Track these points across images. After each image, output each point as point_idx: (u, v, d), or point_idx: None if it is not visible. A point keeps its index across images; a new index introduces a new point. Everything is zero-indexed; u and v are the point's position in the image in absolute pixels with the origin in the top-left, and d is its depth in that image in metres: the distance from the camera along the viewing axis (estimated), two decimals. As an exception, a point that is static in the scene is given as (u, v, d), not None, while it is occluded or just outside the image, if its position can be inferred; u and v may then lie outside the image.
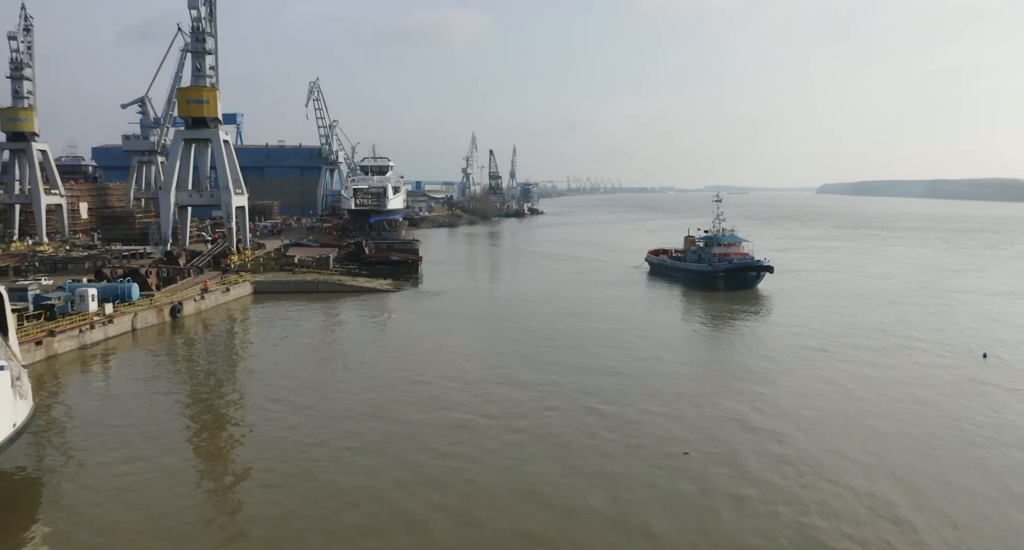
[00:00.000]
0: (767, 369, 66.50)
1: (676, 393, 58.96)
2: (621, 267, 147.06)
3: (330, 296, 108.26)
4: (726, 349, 76.56)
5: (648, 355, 72.34)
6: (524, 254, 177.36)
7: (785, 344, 76.66)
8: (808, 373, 65.33)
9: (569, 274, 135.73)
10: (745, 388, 60.55)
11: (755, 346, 76.68)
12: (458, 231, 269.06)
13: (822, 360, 70.00)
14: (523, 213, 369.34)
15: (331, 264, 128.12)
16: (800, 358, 70.94)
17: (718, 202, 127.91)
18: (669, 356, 72.19)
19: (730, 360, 71.25)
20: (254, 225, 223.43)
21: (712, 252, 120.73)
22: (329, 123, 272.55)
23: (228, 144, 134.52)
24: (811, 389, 60.34)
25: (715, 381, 63.25)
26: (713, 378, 64.33)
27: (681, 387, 60.81)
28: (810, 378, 63.69)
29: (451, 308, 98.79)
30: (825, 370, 66.28)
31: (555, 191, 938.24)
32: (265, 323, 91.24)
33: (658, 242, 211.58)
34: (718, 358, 72.67)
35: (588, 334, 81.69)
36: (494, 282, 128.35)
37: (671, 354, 73.19)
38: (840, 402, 56.87)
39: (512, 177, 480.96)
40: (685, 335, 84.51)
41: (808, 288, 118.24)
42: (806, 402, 56.58)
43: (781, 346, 76.01)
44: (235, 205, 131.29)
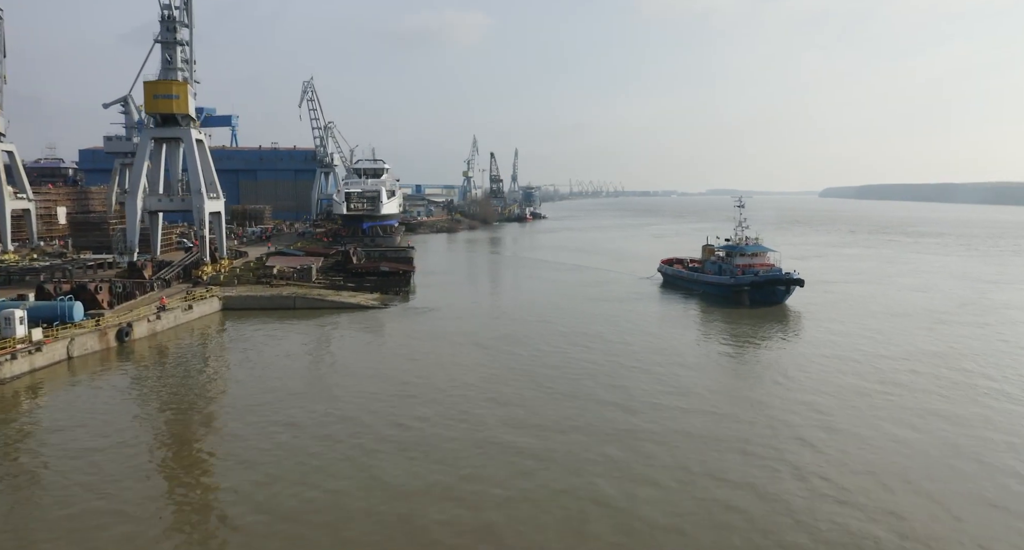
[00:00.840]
0: (818, 420, 53.50)
1: (718, 457, 46.17)
2: (631, 278, 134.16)
3: (308, 313, 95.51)
4: (764, 388, 63.42)
5: (676, 402, 59.45)
6: (526, 263, 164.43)
7: (834, 381, 63.57)
8: (872, 429, 52.31)
9: (575, 286, 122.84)
10: (795, 451, 47.64)
11: (798, 382, 63.66)
12: (457, 237, 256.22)
13: (885, 405, 57.01)
14: (525, 217, 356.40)
15: (314, 276, 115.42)
16: (856, 401, 57.89)
17: (740, 207, 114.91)
18: (701, 393, 59.28)
19: (771, 404, 58.23)
20: (242, 231, 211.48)
21: (735, 263, 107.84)
22: (324, 124, 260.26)
23: (203, 144, 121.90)
24: (884, 461, 47.36)
25: (759, 435, 50.31)
26: (756, 431, 51.37)
27: (723, 445, 47.97)
28: (878, 435, 50.67)
29: (444, 328, 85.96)
30: (893, 422, 53.31)
31: (557, 195, 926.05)
32: (228, 348, 78.53)
33: (667, 249, 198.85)
34: (756, 399, 59.65)
35: (604, 365, 68.81)
36: (494, 296, 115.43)
37: (703, 392, 60.23)
38: (927, 477, 44.00)
39: (514, 180, 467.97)
40: (714, 367, 71.39)
41: (841, 303, 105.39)
42: (882, 482, 43.59)
43: (829, 383, 63.01)
44: (209, 210, 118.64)
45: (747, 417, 53.31)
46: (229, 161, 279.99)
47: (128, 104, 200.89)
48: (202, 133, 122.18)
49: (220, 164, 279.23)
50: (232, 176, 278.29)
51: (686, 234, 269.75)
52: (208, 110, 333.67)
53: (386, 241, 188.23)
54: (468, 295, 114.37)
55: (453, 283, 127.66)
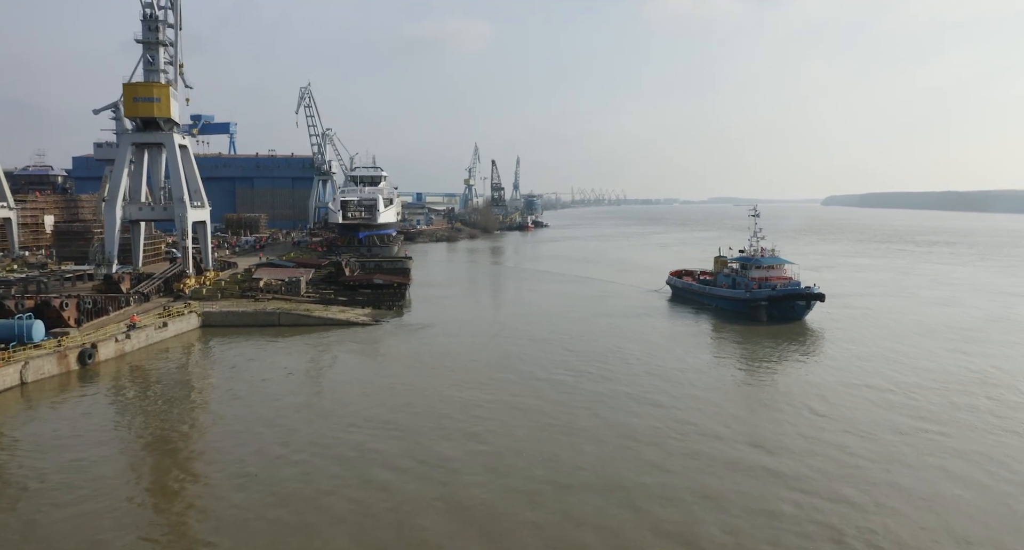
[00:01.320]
0: (853, 469, 46.29)
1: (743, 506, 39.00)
2: (638, 291, 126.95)
3: (294, 331, 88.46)
4: (788, 426, 56.12)
5: (686, 448, 52.26)
6: (528, 274, 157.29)
7: (865, 417, 56.04)
8: (917, 479, 45.12)
9: (580, 300, 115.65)
10: (830, 511, 40.45)
11: (826, 418, 56.32)
12: (458, 246, 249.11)
13: (928, 447, 49.79)
14: (527, 226, 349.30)
15: (303, 289, 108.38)
16: (894, 443, 50.60)
17: (755, 216, 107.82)
18: (717, 435, 52.04)
19: (796, 448, 50.97)
20: (235, 240, 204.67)
21: (750, 276, 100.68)
22: (322, 131, 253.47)
23: (187, 150, 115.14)
24: (941, 524, 40.18)
25: (785, 491, 43.10)
26: (781, 486, 44.14)
27: (743, 504, 40.79)
28: (925, 488, 43.48)
29: (437, 349, 78.79)
30: (941, 471, 46.13)
31: (559, 203, 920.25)
32: (202, 372, 71.42)
33: (673, 259, 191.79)
34: (779, 442, 52.39)
35: (610, 398, 61.63)
36: (493, 311, 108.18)
37: (719, 432, 52.99)
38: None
39: (516, 189, 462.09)
40: (730, 398, 63.97)
41: (862, 320, 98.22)
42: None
43: (859, 420, 55.55)
44: (192, 220, 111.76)
45: (771, 466, 45.95)
46: (225, 169, 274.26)
47: (119, 110, 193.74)
48: (186, 138, 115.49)
49: (216, 172, 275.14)
50: (228, 184, 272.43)
51: (691, 243, 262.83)
52: (206, 117, 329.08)
53: (383, 251, 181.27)
54: (466, 310, 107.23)
55: (451, 296, 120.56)
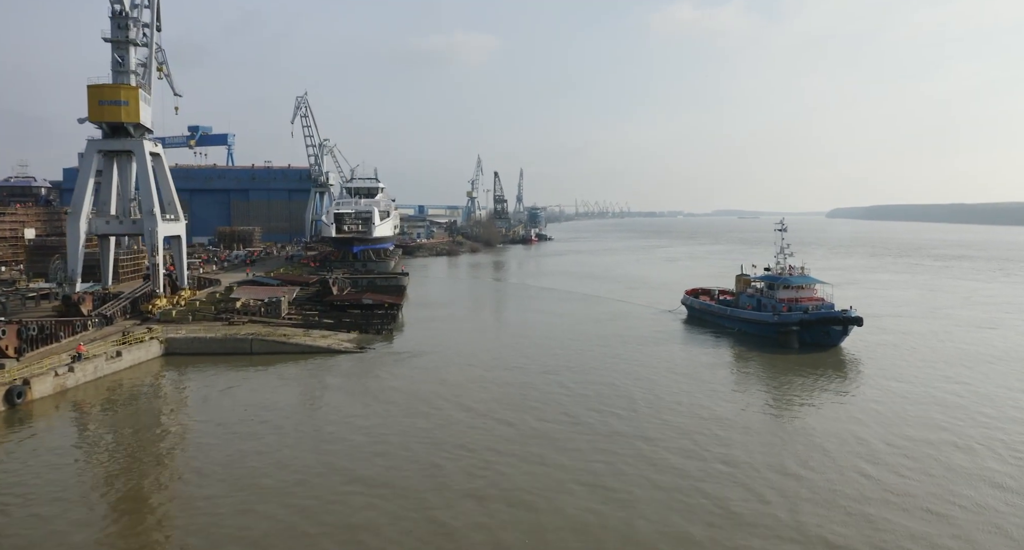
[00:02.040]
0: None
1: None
2: (650, 311, 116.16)
3: (267, 360, 77.89)
4: (838, 502, 45.40)
5: (715, 519, 41.51)
6: (532, 292, 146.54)
7: (936, 489, 45.39)
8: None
9: (587, 322, 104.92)
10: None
11: (886, 489, 45.57)
12: (459, 261, 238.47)
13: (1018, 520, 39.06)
14: (530, 239, 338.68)
15: (284, 310, 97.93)
16: (973, 519, 39.90)
17: (783, 231, 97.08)
18: (749, 507, 41.26)
19: (861, 530, 40.20)
20: (225, 254, 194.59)
21: (777, 297, 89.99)
22: (319, 142, 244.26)
23: (160, 159, 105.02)
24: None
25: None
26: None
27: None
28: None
29: (426, 385, 68.07)
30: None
31: (563, 215, 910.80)
32: (152, 412, 60.77)
33: (684, 275, 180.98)
34: (834, 520, 41.63)
35: (624, 447, 50.89)
36: (493, 337, 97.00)
37: (752, 505, 42.20)
38: None
39: (519, 201, 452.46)
40: (764, 454, 53.14)
41: (902, 345, 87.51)
42: None
43: (930, 492, 44.90)
44: (163, 234, 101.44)
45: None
46: (220, 180, 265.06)
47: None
48: (158, 146, 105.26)
49: (210, 183, 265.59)
50: (223, 196, 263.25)
51: (700, 258, 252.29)
52: (204, 128, 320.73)
53: (379, 266, 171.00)
54: (463, 334, 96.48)
55: (448, 318, 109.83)
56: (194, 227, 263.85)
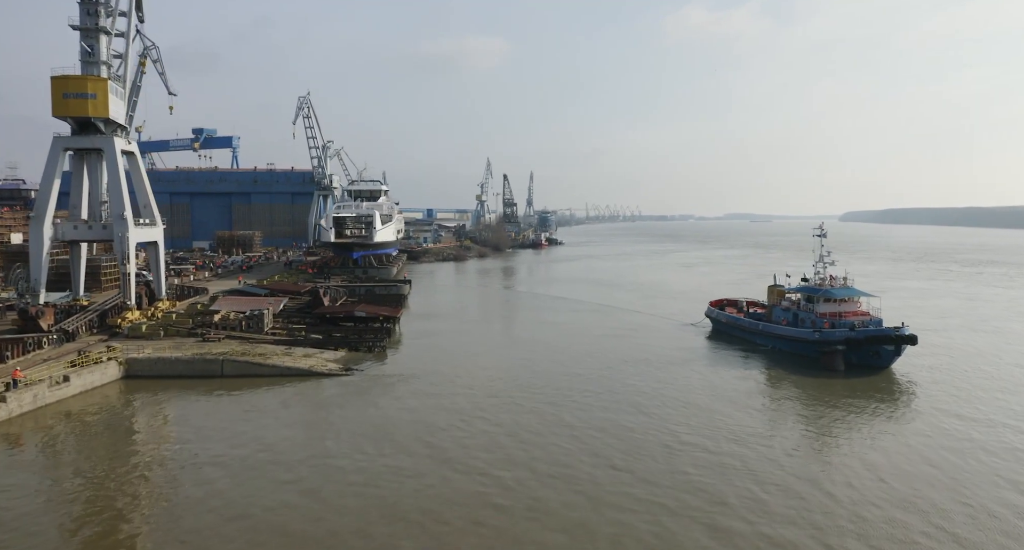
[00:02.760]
0: None
1: None
2: (670, 325, 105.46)
3: (239, 383, 67.85)
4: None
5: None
6: (542, 301, 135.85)
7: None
8: None
9: (601, 338, 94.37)
10: None
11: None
12: (466, 266, 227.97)
13: None
14: (540, 244, 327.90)
15: (267, 324, 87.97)
16: None
17: (822, 237, 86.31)
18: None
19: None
20: (220, 260, 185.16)
21: (817, 311, 79.27)
22: (322, 144, 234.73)
23: (134, 157, 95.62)
24: None
25: None
26: None
27: None
28: None
29: (414, 420, 57.74)
30: None
31: (573, 219, 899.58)
32: (91, 454, 50.65)
33: (702, 281, 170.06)
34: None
35: (644, 506, 40.52)
36: (498, 356, 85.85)
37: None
38: None
39: (529, 205, 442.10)
40: (822, 517, 42.69)
41: (957, 368, 76.72)
42: None
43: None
44: (138, 240, 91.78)
45: None
46: (221, 183, 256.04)
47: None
48: (133, 144, 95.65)
49: (211, 187, 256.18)
50: (224, 199, 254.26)
51: (716, 263, 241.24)
52: (208, 131, 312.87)
53: (381, 273, 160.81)
54: (465, 352, 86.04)
55: (449, 332, 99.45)
56: (195, 231, 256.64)
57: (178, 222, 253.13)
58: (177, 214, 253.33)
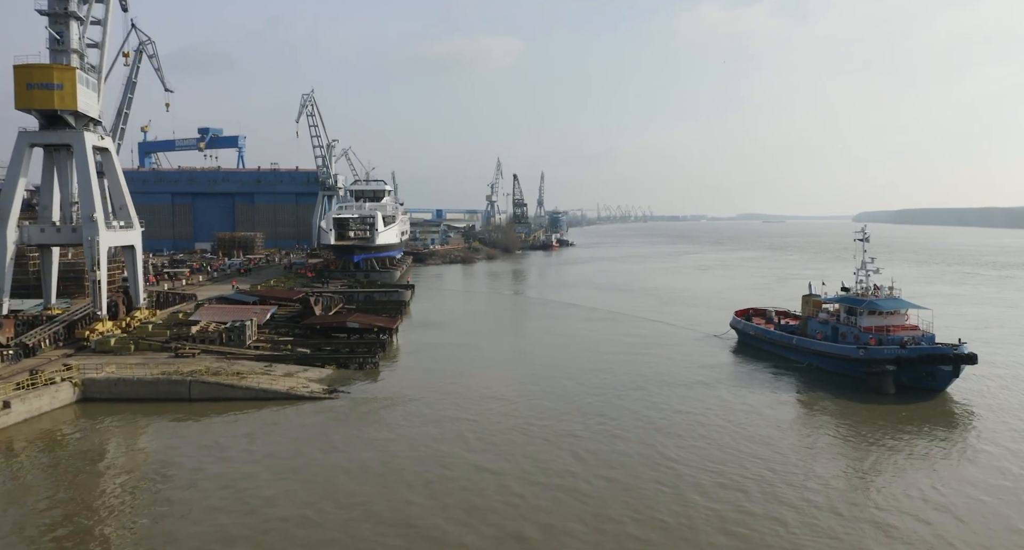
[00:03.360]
0: None
1: None
2: (692, 335, 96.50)
3: (207, 409, 59.52)
4: None
5: None
6: (553, 308, 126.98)
7: None
8: None
9: (616, 352, 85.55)
10: None
11: None
12: (474, 269, 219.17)
13: None
14: (551, 245, 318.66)
15: (250, 336, 79.66)
16: None
17: (864, 240, 77.09)
18: None
19: None
20: (218, 263, 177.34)
21: (861, 325, 70.23)
22: (327, 142, 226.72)
23: (108, 154, 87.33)
24: None
25: None
26: None
27: None
28: None
29: (403, 455, 49.17)
30: None
31: (584, 220, 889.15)
32: (19, 505, 42.31)
33: (721, 286, 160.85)
34: None
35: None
36: (501, 375, 76.16)
37: None
38: None
39: (540, 205, 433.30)
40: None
41: (1017, 388, 67.56)
42: None
43: None
44: (112, 244, 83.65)
45: None
46: (224, 183, 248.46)
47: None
48: (106, 139, 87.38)
49: (214, 187, 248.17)
50: (227, 200, 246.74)
51: (733, 265, 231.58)
52: (214, 131, 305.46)
53: (383, 277, 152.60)
54: (465, 370, 77.22)
55: (450, 345, 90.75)
56: (197, 232, 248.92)
57: (180, 223, 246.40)
58: (179, 215, 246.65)
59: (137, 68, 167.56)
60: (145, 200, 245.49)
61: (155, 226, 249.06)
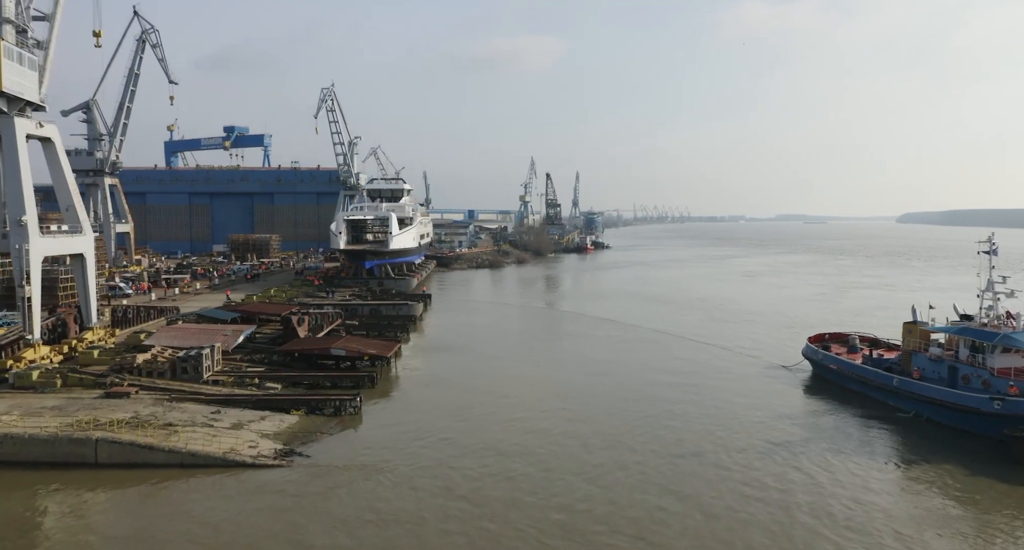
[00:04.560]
0: None
1: None
2: (753, 365, 78.53)
3: (115, 478, 43.77)
4: None
5: None
6: (587, 325, 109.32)
7: None
8: None
9: (664, 387, 68.23)
10: None
11: None
12: (502, 274, 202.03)
13: None
14: (585, 248, 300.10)
15: (210, 366, 63.98)
16: None
17: (990, 253, 58.73)
18: None
19: None
20: (225, 268, 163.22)
21: (992, 366, 52.24)
22: (349, 139, 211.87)
23: (52, 145, 72.21)
24: None
25: None
26: None
27: None
28: None
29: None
30: None
31: (621, 220, 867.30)
32: None
33: (774, 295, 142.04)
34: None
35: None
36: (515, 427, 59.21)
37: None
38: None
39: (575, 205, 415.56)
40: None
41: None
42: None
43: None
44: (41, 254, 68.35)
45: None
46: (243, 183, 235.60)
47: (91, 111, 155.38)
48: (47, 127, 72.10)
49: (232, 186, 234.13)
50: (246, 200, 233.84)
51: (783, 271, 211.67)
52: (240, 129, 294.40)
53: (398, 285, 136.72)
54: (474, 416, 60.50)
55: (460, 376, 73.99)
56: (215, 234, 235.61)
57: (197, 224, 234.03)
58: (196, 216, 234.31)
59: (140, 58, 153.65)
60: (161, 200, 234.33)
61: (172, 227, 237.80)
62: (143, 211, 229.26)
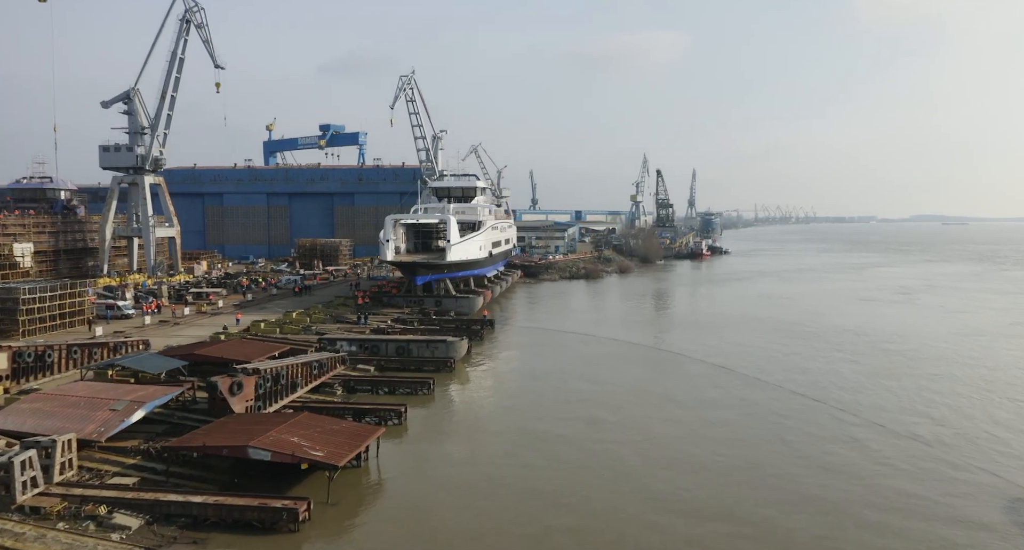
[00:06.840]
0: None
1: None
2: (991, 494, 44.09)
3: None
4: None
5: None
6: (699, 377, 75.52)
7: None
8: None
9: (832, 541, 35.37)
10: None
11: None
12: (600, 287, 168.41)
13: None
14: (700, 253, 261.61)
15: (28, 483, 36.19)
16: None
17: None
18: None
19: None
20: (275, 278, 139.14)
21: None
22: (432, 134, 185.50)
23: None
24: None
25: None
26: None
27: None
28: None
29: None
30: None
31: (740, 221, 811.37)
32: None
33: (948, 325, 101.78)
34: None
35: None
36: None
37: None
38: None
39: (691, 206, 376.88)
40: None
41: None
42: None
43: None
44: None
45: None
46: (321, 182, 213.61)
47: (132, 102, 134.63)
48: None
49: (310, 186, 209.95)
50: (325, 201, 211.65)
51: (943, 285, 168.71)
52: (336, 127, 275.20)
53: (459, 304, 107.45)
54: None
55: (468, 507, 43.63)
56: (294, 237, 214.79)
57: (276, 226, 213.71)
58: (275, 218, 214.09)
59: (184, 41, 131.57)
60: (239, 201, 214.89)
61: (249, 230, 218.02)
62: (220, 213, 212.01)
